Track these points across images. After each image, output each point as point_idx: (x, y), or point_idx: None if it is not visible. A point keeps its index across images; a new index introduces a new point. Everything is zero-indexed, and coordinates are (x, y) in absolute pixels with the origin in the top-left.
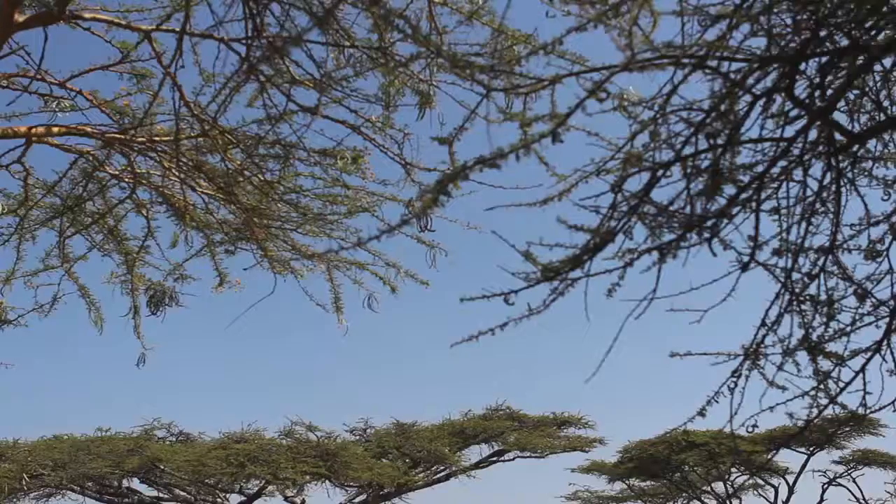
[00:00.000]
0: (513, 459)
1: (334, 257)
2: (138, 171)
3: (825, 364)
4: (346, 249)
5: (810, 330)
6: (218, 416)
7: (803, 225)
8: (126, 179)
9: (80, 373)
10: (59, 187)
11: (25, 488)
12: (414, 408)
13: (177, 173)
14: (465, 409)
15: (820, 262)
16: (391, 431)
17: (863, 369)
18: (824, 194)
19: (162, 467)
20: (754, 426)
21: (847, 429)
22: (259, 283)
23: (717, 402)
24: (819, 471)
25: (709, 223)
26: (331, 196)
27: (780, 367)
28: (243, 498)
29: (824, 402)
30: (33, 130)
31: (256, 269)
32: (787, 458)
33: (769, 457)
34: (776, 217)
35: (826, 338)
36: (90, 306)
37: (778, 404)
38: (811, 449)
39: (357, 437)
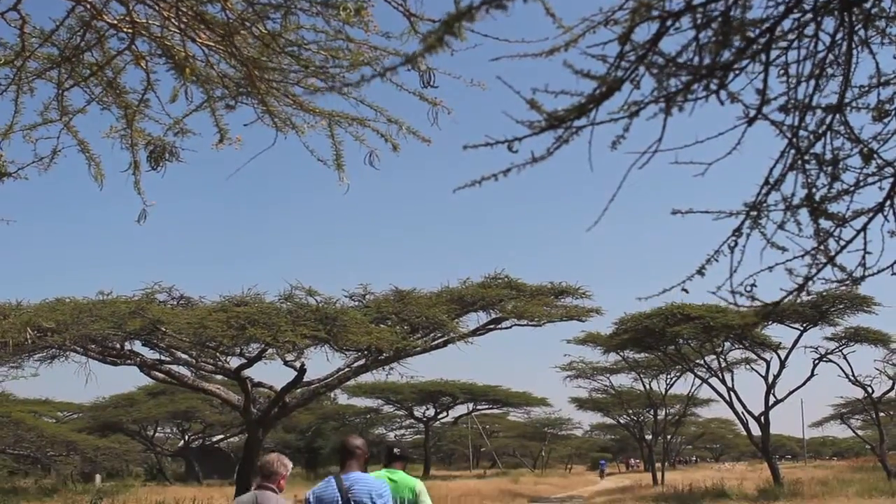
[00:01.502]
0: (510, 327)
1: (336, 113)
2: (137, 20)
3: (826, 224)
4: (349, 86)
5: (814, 189)
6: (218, 282)
7: (812, 82)
8: (124, 29)
9: (81, 235)
10: (56, 36)
11: (30, 342)
12: (413, 276)
13: (176, 23)
14: (464, 277)
15: (827, 121)
16: (390, 298)
17: (864, 228)
18: (835, 51)
19: (163, 329)
20: (753, 286)
21: (841, 306)
22: (259, 142)
23: (716, 261)
24: (811, 347)
25: (717, 74)
26: (333, 50)
27: (780, 226)
28: (244, 360)
29: (823, 262)
30: None
31: (257, 126)
32: (780, 333)
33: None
34: (784, 78)
35: (829, 198)
36: (90, 161)
37: (777, 264)
38: (804, 325)
39: (356, 303)
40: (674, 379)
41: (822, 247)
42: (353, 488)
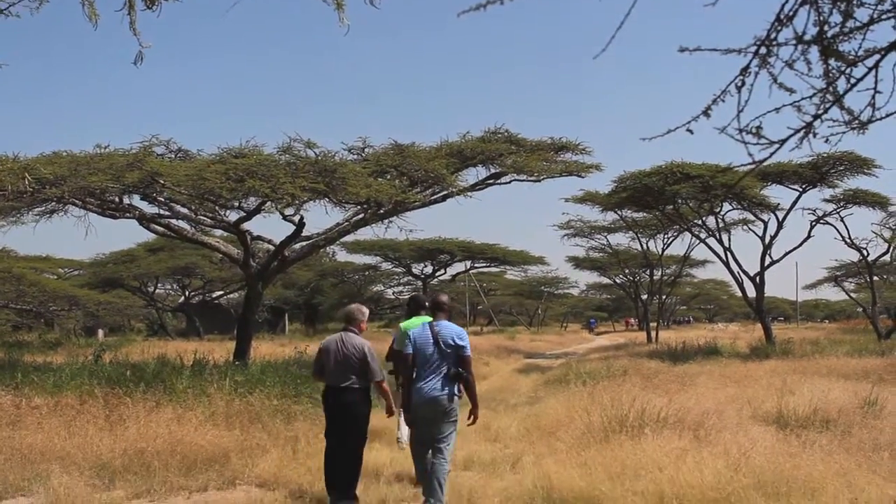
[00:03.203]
0: (509, 182)
1: None
2: None
3: (836, 65)
4: None
5: (825, 27)
6: (215, 135)
7: None
8: None
9: (77, 82)
10: None
11: (28, 189)
12: (412, 131)
13: None
14: (464, 131)
15: None
16: (389, 151)
17: (876, 66)
18: None
19: (161, 182)
20: (759, 128)
21: (841, 167)
22: None
23: (723, 101)
24: (808, 209)
25: None
26: None
27: (789, 65)
28: (243, 214)
29: (831, 101)
30: None
31: None
32: (779, 194)
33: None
34: None
35: (841, 35)
36: (84, 0)
37: (785, 105)
38: (803, 186)
39: (355, 157)
40: (671, 239)
41: (830, 87)
42: (441, 332)
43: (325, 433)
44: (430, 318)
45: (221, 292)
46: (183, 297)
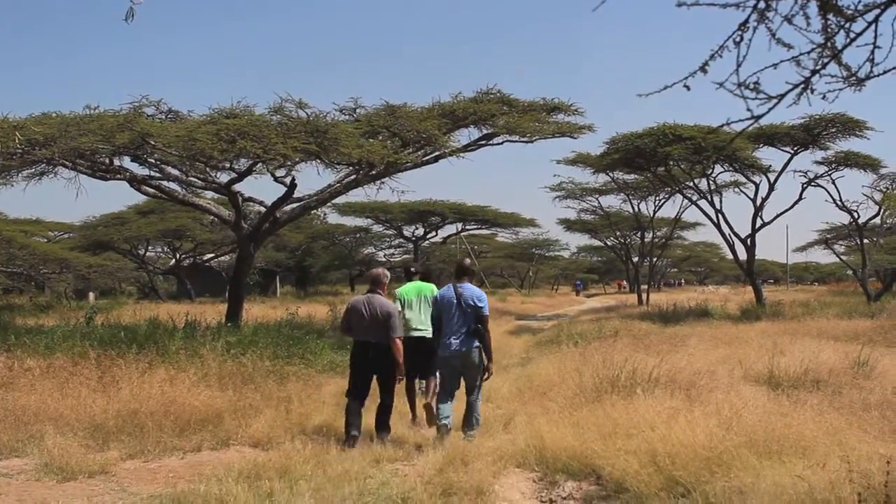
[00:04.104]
0: (501, 143)
1: None
2: None
3: (836, 20)
4: None
5: None
6: (206, 95)
7: None
8: None
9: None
10: None
11: (19, 148)
12: (405, 92)
13: None
14: (456, 92)
15: None
16: (381, 112)
17: (875, 21)
18: None
19: (152, 143)
20: (756, 83)
21: (833, 129)
22: None
23: (720, 56)
24: (800, 171)
25: None
26: None
27: (788, 20)
28: (234, 175)
29: (829, 56)
30: None
31: None
32: (771, 156)
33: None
34: None
35: None
36: None
37: (783, 61)
38: (795, 148)
39: (347, 117)
40: (662, 201)
41: (828, 43)
42: (463, 294)
43: (347, 392)
44: (422, 283)
45: (212, 255)
46: (174, 260)
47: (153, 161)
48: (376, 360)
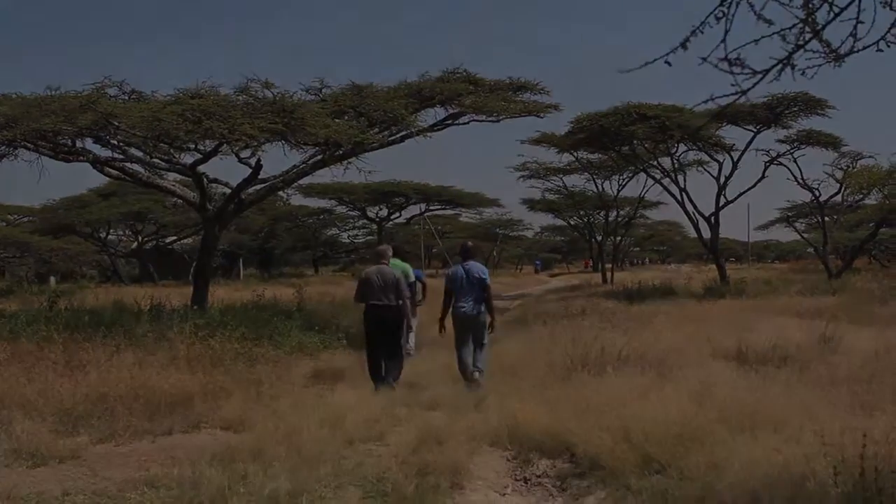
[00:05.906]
0: (468, 123)
1: None
2: None
3: None
4: None
5: None
6: (171, 76)
7: None
8: None
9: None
10: None
11: None
12: (370, 70)
13: None
14: (423, 71)
15: None
16: (347, 92)
17: None
18: None
19: (116, 124)
20: (738, 59)
21: (795, 108)
22: None
23: (701, 32)
24: (762, 150)
25: None
26: None
27: None
28: (199, 156)
29: (811, 34)
30: None
31: None
32: (734, 134)
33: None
34: None
35: None
36: None
37: (763, 37)
38: (757, 127)
39: (313, 97)
40: (626, 180)
41: (809, 18)
42: (470, 269)
43: (367, 352)
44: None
45: (175, 237)
46: (136, 243)
47: (116, 143)
48: (387, 320)
